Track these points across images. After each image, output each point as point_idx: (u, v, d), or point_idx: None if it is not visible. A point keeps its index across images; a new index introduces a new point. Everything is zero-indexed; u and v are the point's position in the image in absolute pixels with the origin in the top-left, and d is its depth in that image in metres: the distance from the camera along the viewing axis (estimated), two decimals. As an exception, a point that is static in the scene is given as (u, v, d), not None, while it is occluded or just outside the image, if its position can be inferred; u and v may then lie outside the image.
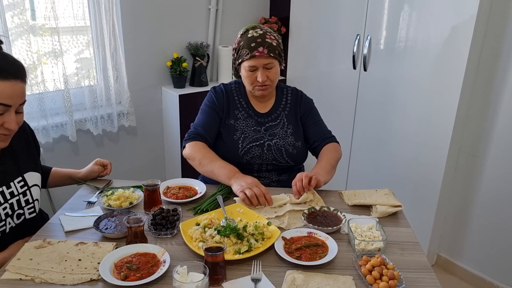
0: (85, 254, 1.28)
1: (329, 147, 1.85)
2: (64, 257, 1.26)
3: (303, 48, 3.02)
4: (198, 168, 1.74)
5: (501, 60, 2.20)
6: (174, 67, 2.94)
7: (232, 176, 1.64)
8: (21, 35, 2.35)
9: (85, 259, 1.26)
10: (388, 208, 1.55)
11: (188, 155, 1.76)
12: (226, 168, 1.68)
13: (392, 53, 2.47)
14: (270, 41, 1.72)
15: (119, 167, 2.99)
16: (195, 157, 1.73)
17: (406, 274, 1.23)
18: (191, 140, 1.77)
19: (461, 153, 2.46)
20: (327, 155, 1.82)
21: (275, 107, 1.87)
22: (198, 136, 1.78)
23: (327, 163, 1.77)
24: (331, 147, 1.86)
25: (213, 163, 1.70)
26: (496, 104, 2.26)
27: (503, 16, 2.15)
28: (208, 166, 1.70)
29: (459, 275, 2.59)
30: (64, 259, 1.25)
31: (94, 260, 1.26)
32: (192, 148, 1.75)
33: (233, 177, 1.64)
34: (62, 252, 1.28)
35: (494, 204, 2.37)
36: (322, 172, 1.71)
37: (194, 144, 1.76)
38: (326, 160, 1.78)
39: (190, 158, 1.76)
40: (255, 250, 1.30)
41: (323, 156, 1.82)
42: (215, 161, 1.71)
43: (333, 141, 1.89)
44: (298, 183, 1.60)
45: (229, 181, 1.64)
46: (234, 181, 1.63)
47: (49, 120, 2.54)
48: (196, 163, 1.73)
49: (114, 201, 1.57)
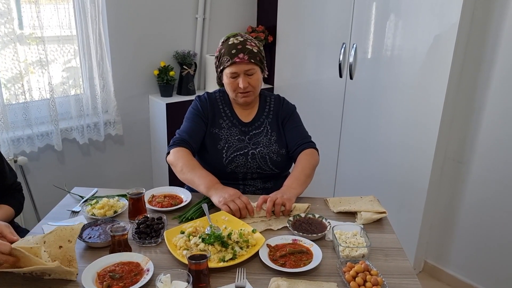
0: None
1: (305, 154, 1.82)
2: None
3: (290, 56, 3.05)
4: (179, 175, 1.72)
5: (483, 68, 2.24)
6: (161, 76, 2.94)
7: (212, 187, 1.61)
8: (8, 44, 2.34)
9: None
10: (373, 215, 1.56)
11: (171, 161, 1.75)
12: (206, 178, 1.65)
13: (378, 62, 2.50)
14: (250, 48, 1.73)
15: (106, 176, 2.99)
16: (177, 163, 1.71)
17: (390, 280, 1.24)
18: (176, 146, 1.76)
19: (446, 160, 2.48)
20: (301, 163, 1.78)
21: (258, 115, 1.88)
22: (183, 142, 1.77)
23: (301, 172, 1.74)
24: (307, 154, 1.82)
25: (194, 171, 1.68)
26: (479, 111, 2.29)
27: (484, 24, 2.19)
28: (189, 174, 1.67)
29: (446, 281, 2.60)
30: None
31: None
32: (175, 155, 1.73)
33: (213, 188, 1.61)
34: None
35: (479, 210, 2.39)
36: (296, 183, 1.69)
37: (178, 150, 1.74)
38: (300, 170, 1.75)
39: (172, 164, 1.74)
40: (239, 257, 1.30)
41: (297, 164, 1.79)
42: (196, 170, 1.68)
43: (310, 146, 1.85)
44: (269, 204, 1.55)
45: (208, 192, 1.61)
46: (214, 192, 1.60)
47: (34, 129, 2.52)
48: (178, 169, 1.71)
49: (99, 210, 1.56)
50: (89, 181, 2.85)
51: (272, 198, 1.57)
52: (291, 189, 1.65)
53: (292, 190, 1.65)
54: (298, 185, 1.69)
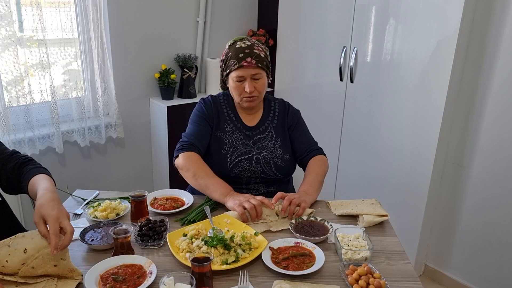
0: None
1: (316, 160, 1.85)
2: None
3: (291, 60, 3.06)
4: (190, 180, 1.71)
5: (483, 72, 2.25)
6: (162, 79, 2.95)
7: (227, 194, 1.63)
8: (8, 46, 2.35)
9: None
10: (375, 218, 1.56)
11: (181, 165, 1.72)
12: (221, 185, 1.66)
13: (378, 65, 2.51)
14: (258, 52, 1.73)
15: (107, 178, 2.99)
16: (189, 168, 1.69)
17: (393, 283, 1.24)
18: (185, 150, 1.74)
19: (446, 163, 2.49)
20: (314, 169, 1.81)
21: (263, 120, 1.87)
22: (192, 146, 1.75)
23: (315, 179, 1.77)
24: (318, 160, 1.85)
25: (209, 178, 1.68)
26: (479, 115, 2.30)
27: (484, 30, 2.21)
28: (202, 180, 1.67)
29: (447, 284, 2.61)
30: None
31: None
32: (186, 159, 1.71)
33: (228, 195, 1.63)
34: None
35: (480, 214, 2.40)
36: (311, 190, 1.72)
37: (189, 154, 1.72)
38: (314, 176, 1.78)
39: (183, 168, 1.72)
40: (242, 260, 1.30)
41: (310, 171, 1.81)
42: (211, 177, 1.68)
43: (319, 153, 1.88)
44: (285, 203, 1.58)
45: (223, 199, 1.63)
46: (229, 198, 1.62)
47: (35, 131, 2.52)
48: (190, 174, 1.69)
49: (101, 212, 1.56)
50: (90, 183, 2.86)
51: (289, 197, 1.59)
52: (307, 195, 1.68)
53: (308, 196, 1.67)
54: (313, 191, 1.72)
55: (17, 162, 1.41)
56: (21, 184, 1.38)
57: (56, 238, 1.14)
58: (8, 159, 1.42)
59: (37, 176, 1.34)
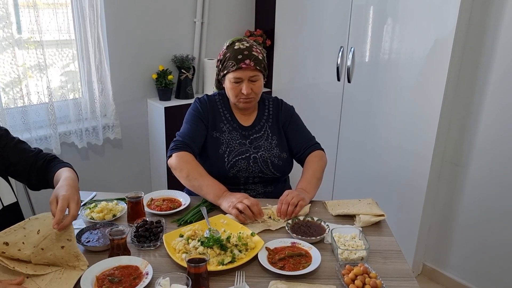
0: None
1: (314, 156, 1.84)
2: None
3: (288, 60, 3.06)
4: (184, 180, 1.69)
5: (480, 71, 2.25)
6: (159, 80, 2.95)
7: (221, 196, 1.61)
8: (6, 48, 2.35)
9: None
10: (371, 218, 1.56)
11: (174, 165, 1.70)
12: (214, 186, 1.64)
13: (376, 65, 2.51)
14: (256, 54, 1.72)
15: (105, 180, 2.99)
16: (182, 168, 1.68)
17: (389, 283, 1.24)
18: (179, 150, 1.71)
19: (444, 163, 2.49)
20: (312, 166, 1.80)
21: (258, 119, 1.87)
22: (185, 146, 1.73)
23: (313, 176, 1.76)
24: (316, 156, 1.84)
25: (202, 179, 1.66)
26: (476, 114, 2.31)
27: (481, 29, 2.21)
28: (196, 181, 1.66)
29: (445, 284, 2.61)
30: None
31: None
32: (179, 159, 1.69)
33: (222, 196, 1.61)
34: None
35: (478, 213, 2.40)
36: (310, 187, 1.72)
37: (182, 154, 1.70)
38: (312, 173, 1.77)
39: (176, 169, 1.70)
40: (238, 261, 1.30)
41: (308, 168, 1.80)
42: (204, 178, 1.67)
43: (317, 148, 1.87)
44: (284, 207, 1.58)
45: (217, 200, 1.61)
46: (222, 199, 1.60)
47: (32, 133, 2.52)
48: (183, 175, 1.68)
49: (97, 213, 1.56)
50: (87, 184, 2.84)
51: (287, 200, 1.59)
52: (305, 192, 1.68)
53: (306, 194, 1.67)
54: (311, 188, 1.72)
55: (45, 159, 1.52)
56: (47, 179, 1.49)
57: (60, 215, 1.22)
58: (36, 157, 1.51)
59: (62, 169, 1.47)
